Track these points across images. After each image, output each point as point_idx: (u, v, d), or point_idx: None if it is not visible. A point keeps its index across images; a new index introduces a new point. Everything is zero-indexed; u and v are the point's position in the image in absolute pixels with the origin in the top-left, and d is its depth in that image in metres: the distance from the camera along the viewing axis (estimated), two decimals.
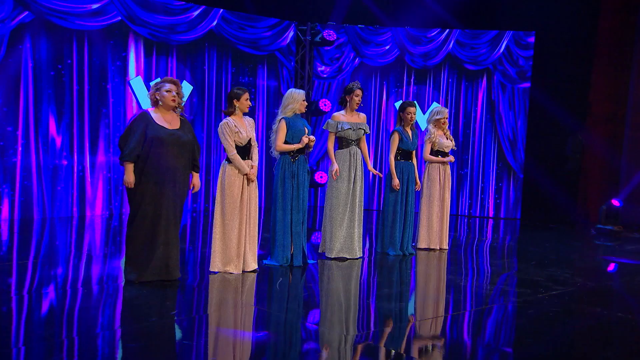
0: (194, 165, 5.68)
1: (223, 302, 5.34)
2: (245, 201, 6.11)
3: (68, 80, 9.32)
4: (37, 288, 5.43)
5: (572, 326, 5.04)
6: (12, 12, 8.63)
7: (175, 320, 4.60)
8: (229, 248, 6.06)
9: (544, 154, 11.68)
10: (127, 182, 5.36)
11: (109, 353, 3.93)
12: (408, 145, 7.48)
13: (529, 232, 10.57)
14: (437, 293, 6.09)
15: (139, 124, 5.38)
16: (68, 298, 5.16)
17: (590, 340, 4.74)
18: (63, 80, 9.27)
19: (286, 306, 5.32)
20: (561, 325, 4.98)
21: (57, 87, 9.23)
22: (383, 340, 4.46)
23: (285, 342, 4.42)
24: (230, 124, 6.01)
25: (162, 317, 4.65)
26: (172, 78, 5.65)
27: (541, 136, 11.69)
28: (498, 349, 4.44)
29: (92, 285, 5.56)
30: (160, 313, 4.73)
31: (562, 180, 11.59)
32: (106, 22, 9.46)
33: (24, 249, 7.32)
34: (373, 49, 11.81)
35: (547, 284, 6.33)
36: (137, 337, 4.24)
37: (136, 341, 4.16)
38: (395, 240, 7.48)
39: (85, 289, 5.43)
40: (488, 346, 4.46)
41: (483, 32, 11.66)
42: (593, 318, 5.19)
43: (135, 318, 4.70)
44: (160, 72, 10.20)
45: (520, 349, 4.44)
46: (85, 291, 5.34)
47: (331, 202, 7.08)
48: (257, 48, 11.13)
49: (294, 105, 6.52)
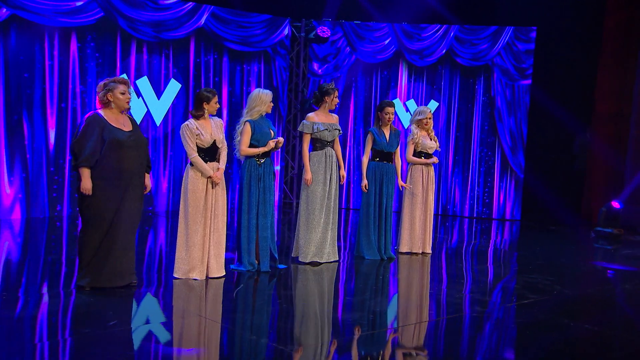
0: (147, 165, 5.54)
1: (173, 311, 5.18)
2: (210, 205, 5.94)
3: (49, 79, 9.20)
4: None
5: (528, 340, 4.78)
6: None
7: (108, 332, 4.44)
8: (192, 254, 5.89)
9: (545, 154, 11.39)
10: (85, 189, 5.16)
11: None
12: (383, 146, 7.25)
13: (526, 234, 10.29)
14: (403, 301, 5.87)
15: (94, 127, 5.19)
16: (19, 305, 5.05)
17: (545, 356, 4.49)
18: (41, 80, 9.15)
19: (233, 316, 5.16)
20: (514, 339, 4.75)
21: (35, 87, 9.09)
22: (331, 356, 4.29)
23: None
24: (190, 126, 5.85)
25: (99, 327, 4.50)
26: (123, 78, 5.47)
27: (542, 135, 11.38)
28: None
29: (42, 292, 5.44)
30: (98, 323, 4.59)
31: (564, 180, 11.29)
32: (89, 19, 9.32)
33: None
34: (369, 45, 11.57)
35: (521, 292, 6.10)
36: (63, 350, 4.10)
37: (56, 356, 4.02)
38: (371, 243, 7.28)
39: (36, 295, 5.32)
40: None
41: (482, 27, 11.35)
42: (556, 331, 4.94)
43: (73, 328, 4.55)
44: (146, 70, 10.05)
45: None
46: (33, 298, 5.23)
47: (307, 205, 6.89)
48: (249, 45, 10.94)
49: (260, 108, 6.32)
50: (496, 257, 8.26)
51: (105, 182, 5.19)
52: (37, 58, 9.06)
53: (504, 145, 11.41)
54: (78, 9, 9.18)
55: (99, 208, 5.22)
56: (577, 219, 11.09)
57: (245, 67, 11.11)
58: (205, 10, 10.31)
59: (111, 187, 5.21)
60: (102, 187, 5.19)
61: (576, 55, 11.14)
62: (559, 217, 11.02)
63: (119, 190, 5.24)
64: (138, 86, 9.93)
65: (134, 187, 5.35)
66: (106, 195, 5.21)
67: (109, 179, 5.20)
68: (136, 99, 9.90)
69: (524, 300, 5.76)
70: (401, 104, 11.63)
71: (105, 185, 5.20)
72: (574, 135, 11.74)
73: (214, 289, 5.74)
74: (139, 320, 4.89)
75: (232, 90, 10.95)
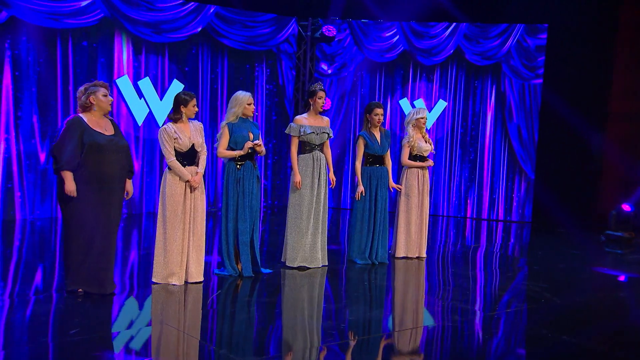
0: (129, 170, 5.49)
1: (139, 318, 5.13)
2: (189, 209, 5.88)
3: (53, 79, 9.24)
4: None
5: (499, 353, 4.62)
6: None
7: (67, 340, 4.39)
8: (170, 259, 5.83)
9: (557, 154, 11.06)
10: (69, 191, 5.11)
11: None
12: (375, 149, 7.10)
13: (534, 237, 10.05)
14: (378, 310, 5.71)
15: (74, 130, 5.14)
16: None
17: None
18: (47, 79, 9.20)
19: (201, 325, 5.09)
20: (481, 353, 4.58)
21: (40, 86, 9.15)
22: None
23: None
24: (168, 129, 5.79)
25: (60, 335, 4.47)
26: (102, 82, 5.41)
27: (554, 135, 11.05)
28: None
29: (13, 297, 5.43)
30: (61, 331, 4.55)
31: (576, 181, 10.97)
32: (90, 20, 9.33)
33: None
34: (377, 44, 11.39)
35: (509, 300, 5.91)
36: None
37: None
38: (362, 248, 7.15)
39: (19, 298, 5.33)
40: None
41: (492, 25, 11.09)
42: (533, 343, 4.77)
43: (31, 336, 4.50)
44: (150, 71, 10.06)
45: None
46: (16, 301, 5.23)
47: (294, 209, 6.79)
48: (254, 44, 10.86)
49: (236, 110, 6.24)
50: (493, 262, 8.04)
51: (85, 186, 5.16)
52: (39, 59, 9.11)
53: (514, 145, 11.15)
54: (79, 11, 9.18)
55: (80, 211, 5.18)
56: (589, 222, 10.77)
57: (250, 67, 11.05)
58: (209, 10, 10.26)
59: (91, 191, 5.17)
60: (83, 191, 5.15)
61: (589, 53, 10.80)
62: (569, 219, 10.69)
63: (99, 194, 5.20)
64: (140, 87, 9.92)
65: (114, 192, 5.31)
66: (87, 199, 5.17)
67: (90, 183, 5.17)
68: (138, 100, 9.91)
69: (507, 309, 5.58)
70: (409, 104, 11.44)
71: (86, 189, 5.16)
72: (590, 135, 11.39)
73: (189, 295, 5.67)
74: (103, 328, 4.79)
75: (235, 90, 10.84)
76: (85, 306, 5.10)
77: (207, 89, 10.68)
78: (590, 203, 11.04)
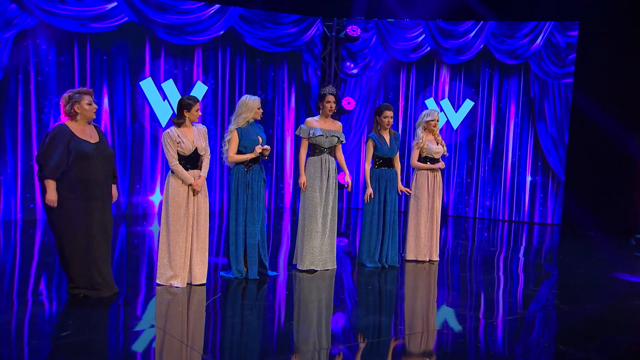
0: (113, 176, 5.56)
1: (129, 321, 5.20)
2: (192, 212, 5.94)
3: (79, 83, 9.45)
4: None
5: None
6: (16, 17, 8.84)
7: (58, 343, 4.47)
8: (174, 261, 5.91)
9: (588, 155, 10.73)
10: (50, 201, 5.17)
11: None
12: (384, 151, 7.04)
13: (561, 240, 9.81)
14: (375, 315, 5.66)
15: (60, 138, 5.19)
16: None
17: None
18: (71, 83, 9.40)
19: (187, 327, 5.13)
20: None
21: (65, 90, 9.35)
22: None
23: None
24: (171, 133, 5.85)
25: (53, 338, 4.56)
26: (87, 89, 5.41)
27: (585, 136, 10.74)
28: None
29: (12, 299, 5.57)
30: (54, 334, 4.64)
31: (608, 184, 10.63)
32: (116, 23, 9.52)
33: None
34: (402, 43, 11.29)
35: (508, 307, 5.78)
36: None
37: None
38: (372, 251, 7.10)
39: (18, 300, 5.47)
40: None
41: (521, 23, 10.86)
42: (528, 354, 4.65)
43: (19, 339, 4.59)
44: (173, 73, 10.19)
45: None
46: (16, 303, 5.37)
47: (304, 212, 6.80)
48: (279, 45, 10.90)
49: (247, 115, 6.27)
50: (509, 265, 7.87)
51: (72, 194, 5.21)
52: (63, 63, 9.32)
53: (544, 146, 10.91)
54: (104, 14, 9.37)
55: (69, 219, 5.24)
56: (621, 226, 10.42)
57: (274, 68, 11.09)
58: (233, 12, 10.34)
59: (78, 198, 5.22)
60: (69, 199, 5.20)
61: (622, 51, 10.44)
62: (600, 222, 10.40)
63: (86, 201, 5.25)
64: (164, 89, 10.07)
65: (101, 198, 5.36)
66: (75, 207, 5.22)
67: (76, 190, 5.21)
68: (162, 102, 10.06)
69: (511, 316, 5.46)
70: (435, 104, 11.30)
71: (72, 196, 5.21)
72: (628, 137, 11.01)
73: (192, 297, 5.71)
74: (96, 331, 4.84)
75: (260, 91, 10.94)
76: (81, 309, 5.17)
77: (227, 91, 10.74)
78: (623, 206, 10.68)
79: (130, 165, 9.97)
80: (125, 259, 7.41)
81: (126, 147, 9.89)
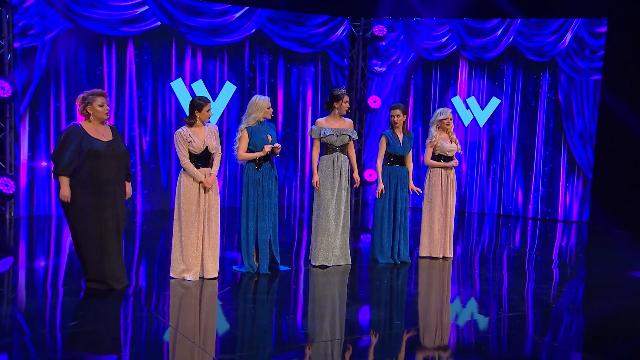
0: (127, 174, 5.83)
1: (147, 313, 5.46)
2: (203, 209, 6.19)
3: (108, 84, 9.86)
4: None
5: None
6: (56, 23, 9.31)
7: (63, 333, 4.76)
8: (186, 255, 6.17)
9: (617, 152, 10.62)
10: (63, 196, 5.48)
11: None
12: (396, 149, 7.17)
13: (585, 238, 9.74)
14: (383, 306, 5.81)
15: (72, 137, 5.49)
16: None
17: None
18: (102, 84, 9.82)
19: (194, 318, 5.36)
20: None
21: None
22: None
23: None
24: (183, 133, 6.11)
25: (61, 328, 4.86)
26: (101, 90, 5.70)
27: (613, 133, 10.62)
28: None
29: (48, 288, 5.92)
30: (62, 323, 4.95)
31: (637, 181, 10.49)
32: (147, 27, 9.89)
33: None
34: (429, 42, 11.36)
35: (515, 303, 5.85)
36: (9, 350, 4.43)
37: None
38: (384, 247, 7.24)
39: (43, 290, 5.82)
40: None
41: (548, 20, 10.81)
42: (519, 351, 4.73)
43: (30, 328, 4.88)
44: (203, 73, 10.50)
45: None
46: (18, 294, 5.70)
47: (317, 210, 7.00)
48: (307, 46, 11.12)
49: (257, 115, 6.48)
50: (523, 263, 7.86)
51: (85, 190, 5.49)
52: (96, 65, 9.74)
53: (571, 143, 10.83)
54: (136, 18, 9.75)
55: (82, 215, 5.54)
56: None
57: (302, 68, 11.31)
58: (262, 13, 10.60)
59: (91, 195, 5.51)
60: (82, 195, 5.50)
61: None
62: (630, 219, 10.27)
63: (97, 198, 5.54)
64: (193, 89, 10.40)
65: (114, 194, 5.64)
66: (87, 203, 5.52)
67: (88, 187, 5.50)
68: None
69: (512, 312, 5.53)
70: (461, 102, 11.34)
71: (85, 192, 5.50)
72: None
73: (205, 290, 5.95)
74: (103, 322, 5.07)
75: (287, 91, 11.18)
76: (93, 301, 5.46)
77: (261, 91, 11.00)
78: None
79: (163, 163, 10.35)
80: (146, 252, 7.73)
81: (156, 145, 10.25)
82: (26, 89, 9.35)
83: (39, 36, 9.26)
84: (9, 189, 9.06)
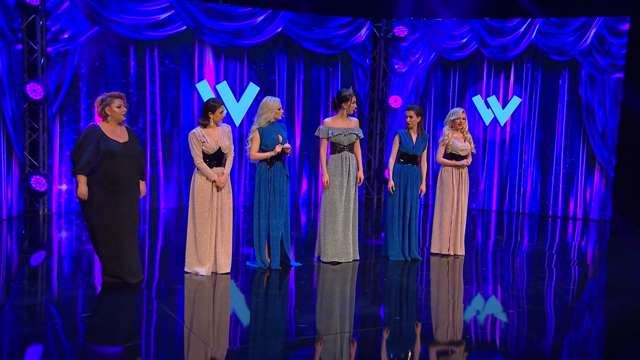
0: (141, 173, 6.10)
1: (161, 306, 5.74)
2: (216, 207, 6.45)
3: (134, 88, 10.23)
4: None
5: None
6: (86, 28, 9.72)
7: (78, 324, 5.06)
8: (200, 251, 6.44)
9: (639, 151, 10.57)
10: (81, 194, 5.76)
11: None
12: (409, 148, 7.33)
13: (607, 236, 9.73)
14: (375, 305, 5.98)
15: (91, 137, 5.76)
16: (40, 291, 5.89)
17: None
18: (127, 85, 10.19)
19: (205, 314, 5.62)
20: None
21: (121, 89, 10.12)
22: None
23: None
24: (197, 133, 6.37)
25: (75, 319, 5.18)
26: (119, 93, 5.95)
27: (635, 131, 10.58)
28: None
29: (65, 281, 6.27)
30: (75, 314, 5.28)
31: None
32: (172, 31, 10.24)
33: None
34: (450, 42, 11.46)
35: (517, 301, 5.96)
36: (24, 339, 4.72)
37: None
38: (395, 244, 7.41)
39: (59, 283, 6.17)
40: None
41: (569, 19, 10.80)
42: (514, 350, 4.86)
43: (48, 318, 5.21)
44: (227, 75, 10.81)
45: None
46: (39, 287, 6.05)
47: (325, 207, 7.20)
48: (329, 47, 11.34)
49: (267, 115, 6.71)
50: (533, 261, 7.92)
51: (101, 189, 5.78)
52: (123, 67, 10.12)
53: (592, 142, 10.81)
54: (161, 22, 10.10)
55: (99, 212, 5.82)
56: None
57: (324, 69, 11.52)
58: (284, 16, 10.85)
59: (106, 194, 5.80)
60: (99, 193, 5.78)
61: None
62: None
63: (113, 196, 5.83)
64: (218, 90, 10.71)
65: (129, 193, 5.92)
66: (103, 201, 5.80)
67: (105, 186, 5.79)
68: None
69: (516, 310, 5.65)
70: (482, 101, 11.41)
71: (101, 191, 5.78)
72: None
73: (218, 284, 6.21)
74: (113, 314, 5.33)
75: (308, 92, 11.42)
76: (108, 294, 5.77)
77: (287, 92, 11.25)
78: None
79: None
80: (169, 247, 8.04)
81: (180, 146, 10.61)
82: (58, 91, 9.77)
83: (71, 40, 9.68)
84: (42, 186, 9.51)
